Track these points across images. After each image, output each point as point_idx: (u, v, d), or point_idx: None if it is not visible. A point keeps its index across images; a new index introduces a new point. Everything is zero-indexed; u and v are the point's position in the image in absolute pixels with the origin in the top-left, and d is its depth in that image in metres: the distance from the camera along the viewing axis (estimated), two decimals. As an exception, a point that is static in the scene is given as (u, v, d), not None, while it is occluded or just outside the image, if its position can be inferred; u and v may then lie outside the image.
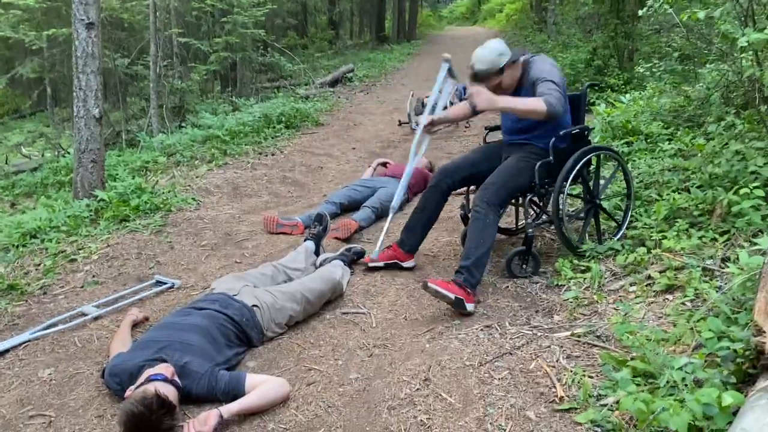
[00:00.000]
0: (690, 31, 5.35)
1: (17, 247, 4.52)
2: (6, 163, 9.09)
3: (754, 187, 3.18)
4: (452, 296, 3.07)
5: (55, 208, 5.22)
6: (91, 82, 5.20)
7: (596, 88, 7.93)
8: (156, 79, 8.09)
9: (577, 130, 3.59)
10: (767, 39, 3.06)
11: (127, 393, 2.37)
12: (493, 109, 3.31)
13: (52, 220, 4.86)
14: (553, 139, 3.44)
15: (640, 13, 5.39)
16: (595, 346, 2.75)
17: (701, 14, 3.78)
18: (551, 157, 3.44)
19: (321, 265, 3.73)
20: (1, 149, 11.54)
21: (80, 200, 5.17)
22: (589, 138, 3.77)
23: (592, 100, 7.72)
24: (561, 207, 3.48)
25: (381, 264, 3.71)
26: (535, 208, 3.85)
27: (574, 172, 3.47)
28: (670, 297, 3.00)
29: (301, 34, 20.60)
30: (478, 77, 3.37)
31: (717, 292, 2.76)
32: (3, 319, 3.35)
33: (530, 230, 3.52)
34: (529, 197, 3.60)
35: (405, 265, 3.77)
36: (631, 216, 3.92)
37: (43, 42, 8.18)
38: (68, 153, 8.63)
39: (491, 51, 3.35)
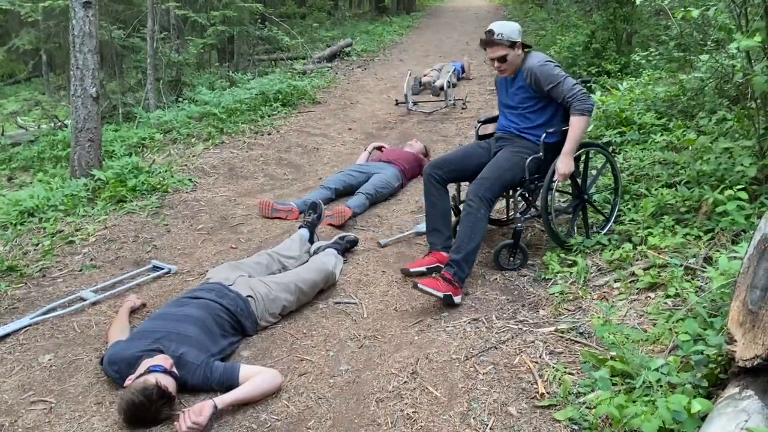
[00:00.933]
0: (686, 23, 5.35)
1: (15, 225, 4.58)
2: (2, 134, 9.06)
3: (738, 189, 3.25)
4: (441, 294, 3.18)
5: (53, 186, 5.26)
6: (88, 61, 5.21)
7: (588, 83, 7.93)
8: (152, 53, 8.05)
9: (567, 127, 3.63)
10: (758, 44, 3.11)
11: (127, 382, 2.47)
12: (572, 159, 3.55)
13: (49, 199, 4.91)
14: (544, 134, 3.57)
15: (637, 0, 5.40)
16: (578, 342, 2.85)
17: (695, 13, 3.81)
18: (541, 153, 3.57)
19: (315, 252, 3.81)
20: (-3, 118, 11.51)
21: (77, 179, 5.21)
22: None
23: (588, 84, 7.74)
24: (549, 203, 3.57)
25: (424, 269, 3.56)
26: (524, 201, 3.90)
27: None
28: (652, 295, 3.09)
29: (299, 4, 20.36)
30: (492, 41, 3.50)
31: (697, 293, 2.86)
32: (3, 303, 3.43)
33: (519, 224, 3.62)
34: (519, 191, 3.68)
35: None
36: (619, 211, 4.00)
37: (39, 14, 8.12)
38: (65, 126, 8.62)
39: (511, 24, 3.57)
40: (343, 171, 5.21)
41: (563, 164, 3.48)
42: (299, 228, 4.05)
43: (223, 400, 2.45)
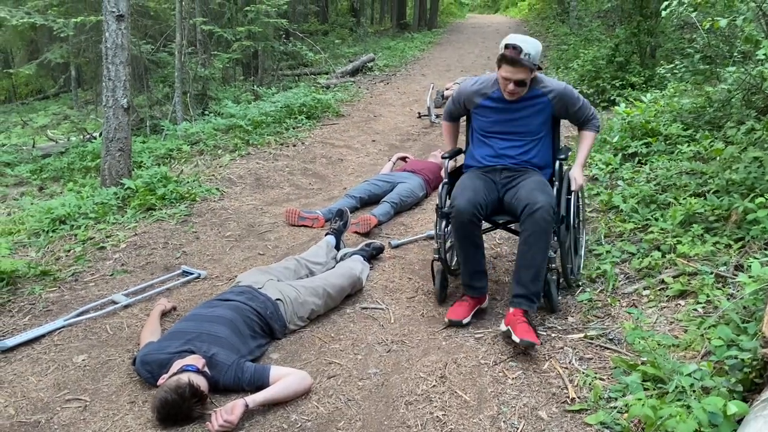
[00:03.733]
0: (712, 34, 5.34)
1: (47, 232, 4.68)
2: (33, 146, 9.27)
3: (770, 197, 3.23)
4: (539, 344, 2.86)
5: (84, 195, 5.37)
6: (120, 72, 5.33)
7: (616, 86, 7.93)
8: (180, 67, 8.21)
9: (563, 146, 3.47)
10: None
11: (160, 381, 2.51)
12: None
13: (80, 207, 5.01)
14: (558, 162, 3.31)
15: (663, 13, 5.40)
16: (607, 348, 2.84)
17: (723, 22, 3.82)
18: (557, 182, 3.26)
19: (341, 259, 3.84)
20: (28, 131, 11.77)
21: (108, 188, 5.32)
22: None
23: (612, 98, 7.74)
24: (573, 218, 3.35)
25: (466, 321, 3.15)
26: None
27: (574, 200, 3.35)
28: (682, 302, 3.07)
29: (322, 20, 20.63)
30: (517, 61, 2.99)
31: (728, 300, 2.83)
32: (38, 305, 3.50)
33: (552, 265, 3.13)
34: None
35: (484, 306, 3.31)
36: (646, 220, 3.98)
37: (71, 30, 8.33)
38: (94, 138, 8.80)
39: (536, 43, 3.09)
40: (368, 180, 5.25)
41: (578, 174, 3.33)
42: (325, 235, 4.09)
43: (255, 399, 2.48)
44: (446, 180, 3.45)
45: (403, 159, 5.82)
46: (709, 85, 6.07)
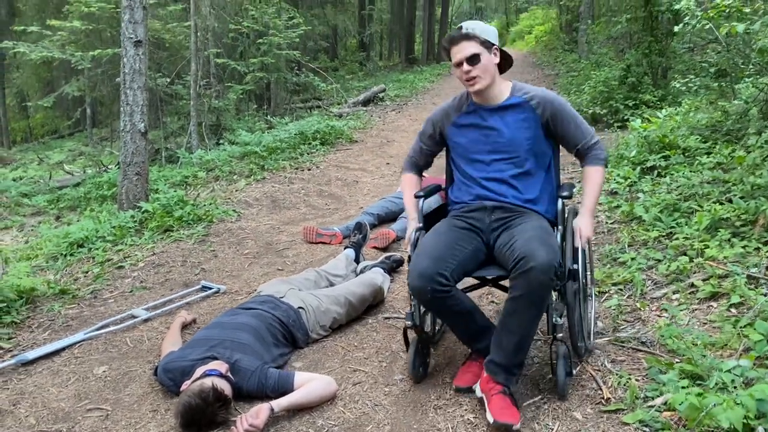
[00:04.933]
0: (728, 46, 5.34)
1: (65, 255, 4.68)
2: (50, 178, 9.37)
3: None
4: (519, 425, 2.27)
5: (101, 219, 5.39)
6: (138, 97, 5.40)
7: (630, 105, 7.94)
8: (196, 97, 8.32)
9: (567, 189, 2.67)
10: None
11: (183, 387, 2.45)
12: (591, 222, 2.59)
13: (98, 231, 5.02)
14: (560, 202, 2.61)
15: (675, 29, 5.42)
16: (639, 351, 2.76)
17: (740, 27, 3.82)
18: (560, 226, 2.59)
19: (362, 272, 3.80)
20: (44, 167, 11.93)
21: (125, 211, 5.33)
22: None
23: (626, 117, 7.73)
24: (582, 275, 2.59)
25: (476, 389, 2.48)
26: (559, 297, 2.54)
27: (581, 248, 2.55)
28: (714, 304, 2.99)
29: (331, 57, 20.95)
30: (459, 36, 2.52)
31: (764, 297, 2.76)
32: (57, 321, 3.47)
33: (560, 334, 2.45)
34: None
35: None
36: (671, 228, 3.92)
37: (88, 63, 8.49)
38: (109, 169, 8.88)
39: (486, 25, 2.63)
40: (385, 198, 5.24)
41: (586, 224, 2.55)
42: (345, 248, 4.05)
43: (280, 404, 2.42)
44: (420, 225, 2.73)
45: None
46: (724, 100, 6.05)
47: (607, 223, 4.47)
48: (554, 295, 2.49)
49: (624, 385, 2.49)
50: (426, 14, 25.37)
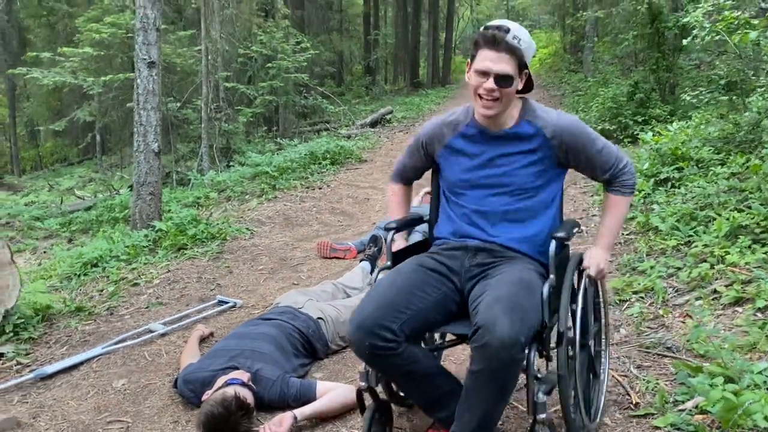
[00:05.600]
0: (740, 54, 5.35)
1: (79, 275, 4.68)
2: (61, 203, 9.42)
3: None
4: None
5: (114, 239, 5.40)
6: (151, 117, 5.44)
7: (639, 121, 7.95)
8: (207, 120, 8.39)
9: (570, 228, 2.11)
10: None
11: (205, 396, 2.42)
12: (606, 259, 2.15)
13: (111, 250, 5.03)
14: (553, 245, 1.98)
15: (684, 42, 5.45)
16: (665, 356, 2.72)
17: (753, 34, 3.83)
18: (552, 275, 1.97)
19: (378, 285, 3.77)
20: (54, 193, 12.03)
21: (138, 231, 5.34)
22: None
23: (636, 133, 7.74)
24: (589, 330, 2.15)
25: None
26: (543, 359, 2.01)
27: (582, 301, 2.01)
28: (739, 309, 2.95)
29: (338, 83, 21.16)
30: (502, 40, 1.98)
31: (791, 300, 2.72)
32: (74, 336, 3.46)
33: (542, 414, 1.85)
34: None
35: None
36: (689, 236, 3.89)
37: (100, 87, 8.59)
38: (120, 193, 8.93)
39: (530, 37, 2.09)
40: (398, 213, 5.23)
41: (599, 256, 2.11)
42: (360, 261, 4.04)
43: (303, 412, 2.38)
44: (389, 263, 2.24)
45: (430, 193, 5.79)
46: (735, 113, 6.05)
47: (623, 234, 4.44)
48: (540, 364, 1.91)
49: (652, 389, 2.45)
50: (430, 39, 25.66)
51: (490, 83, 1.97)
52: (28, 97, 21.25)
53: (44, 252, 6.81)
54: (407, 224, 2.45)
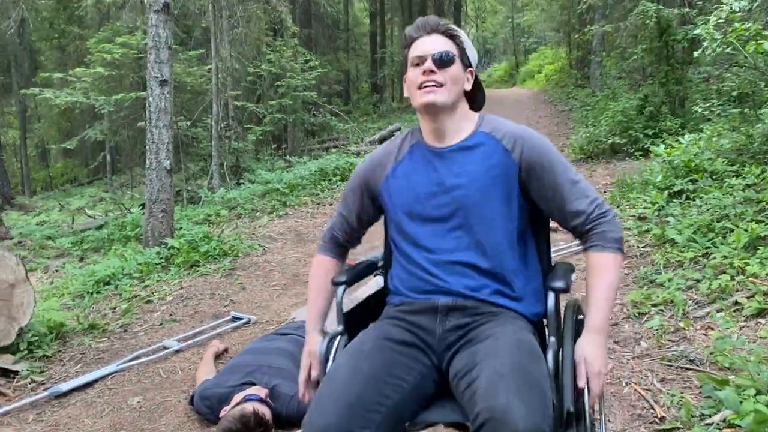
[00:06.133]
0: (754, 68, 5.33)
1: (92, 293, 4.67)
2: (72, 222, 9.46)
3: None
4: None
5: (127, 257, 5.40)
6: (163, 135, 5.47)
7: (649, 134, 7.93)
8: (217, 138, 8.43)
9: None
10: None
11: (223, 413, 2.39)
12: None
13: (124, 268, 5.02)
14: (551, 297, 1.58)
15: (695, 54, 5.44)
16: (689, 369, 2.67)
17: (767, 45, 3.81)
18: (553, 337, 1.59)
19: (393, 300, 3.74)
20: (65, 213, 12.09)
21: (150, 248, 5.34)
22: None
23: (646, 145, 7.71)
24: None
25: None
26: None
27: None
28: (762, 321, 2.90)
29: (345, 101, 21.28)
30: (435, 24, 1.71)
31: (816, 310, 2.67)
32: (89, 354, 3.44)
33: None
34: None
35: None
36: (706, 248, 3.84)
37: (111, 106, 8.67)
38: (131, 212, 8.95)
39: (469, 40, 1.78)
40: (411, 228, 5.21)
41: (595, 354, 1.51)
42: (374, 276, 4.00)
43: (322, 428, 2.34)
44: (341, 329, 1.79)
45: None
46: (747, 125, 6.02)
47: (638, 247, 4.40)
48: None
49: (677, 403, 2.40)
50: (437, 56, 25.75)
51: (428, 63, 1.63)
52: (38, 118, 21.47)
53: (56, 270, 6.81)
54: (359, 275, 1.95)
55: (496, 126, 1.71)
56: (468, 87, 1.73)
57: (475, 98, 1.79)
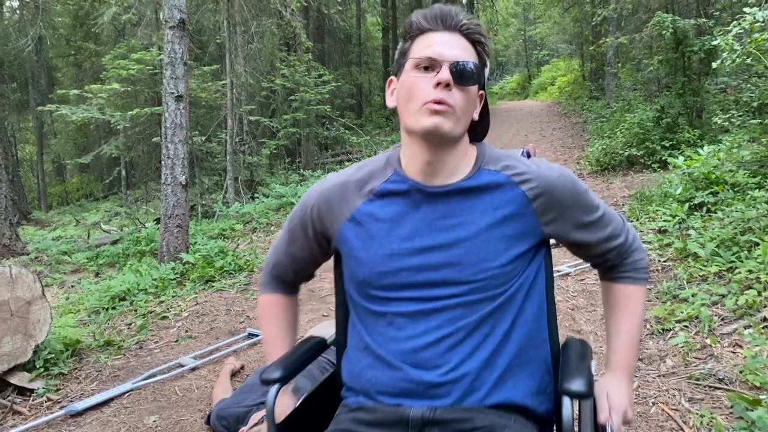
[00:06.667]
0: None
1: (107, 309, 4.66)
2: (88, 237, 9.50)
3: None
4: None
5: (142, 272, 5.39)
6: (179, 150, 5.47)
7: (667, 146, 7.84)
8: (232, 153, 8.45)
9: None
10: None
11: (240, 433, 2.35)
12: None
13: (139, 283, 5.01)
14: (567, 404, 1.12)
15: (713, 65, 5.38)
16: (718, 388, 2.59)
17: (790, 54, 3.74)
18: None
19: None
20: (81, 228, 12.16)
21: (166, 263, 5.33)
22: None
23: (663, 157, 7.62)
24: None
25: None
26: None
27: None
28: (793, 337, 2.82)
29: (358, 114, 21.33)
30: (455, 16, 1.22)
31: None
32: (104, 371, 3.41)
33: None
34: None
35: None
36: (730, 263, 3.76)
37: (126, 122, 8.73)
38: (146, 227, 8.98)
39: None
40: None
41: (624, 398, 1.28)
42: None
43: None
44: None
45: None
46: (767, 136, 5.93)
47: (659, 261, 4.32)
48: None
49: (707, 424, 2.33)
50: (449, 69, 25.77)
51: (445, 74, 1.16)
52: (55, 134, 21.74)
53: (72, 286, 6.82)
54: (300, 364, 1.39)
55: (508, 163, 1.26)
56: (476, 116, 1.28)
57: (477, 127, 1.31)
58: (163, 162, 5.50)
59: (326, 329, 3.13)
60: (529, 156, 10.24)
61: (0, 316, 3.10)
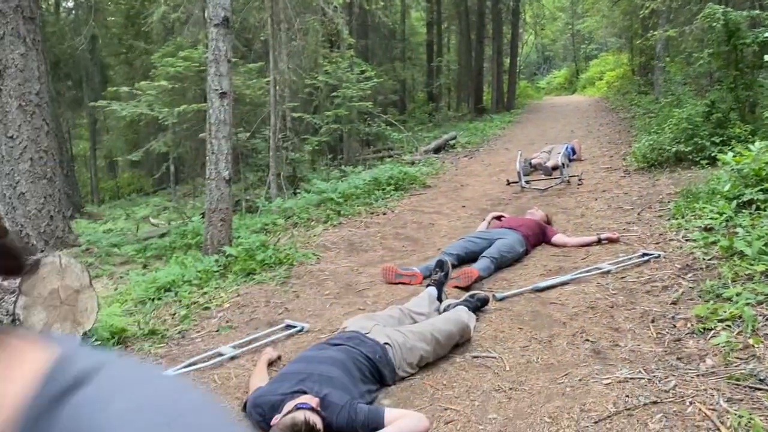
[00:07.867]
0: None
1: (153, 300, 4.81)
2: (137, 230, 9.80)
3: None
4: None
5: (187, 265, 5.54)
6: (223, 146, 5.60)
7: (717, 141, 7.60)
8: (275, 149, 8.59)
9: None
10: None
11: (274, 420, 2.41)
12: None
13: (184, 275, 5.15)
14: None
15: (766, 57, 5.20)
16: (759, 389, 2.52)
17: None
18: None
19: (444, 310, 3.70)
20: (130, 221, 12.54)
21: (210, 256, 5.46)
22: None
23: (713, 153, 7.39)
24: None
25: None
26: None
27: None
28: (841, 339, 2.72)
29: (400, 110, 21.33)
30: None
31: None
32: (148, 359, 3.53)
33: None
34: None
35: None
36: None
37: (174, 118, 8.95)
38: (192, 221, 9.20)
39: None
40: (464, 237, 5.15)
41: None
42: (426, 287, 3.98)
43: (371, 440, 2.33)
44: None
45: (498, 218, 5.69)
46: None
47: (704, 259, 4.21)
48: None
49: (745, 425, 2.27)
50: (494, 65, 25.52)
51: None
52: (107, 131, 22.43)
53: (120, 277, 7.05)
54: None
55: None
56: None
57: None
58: (207, 158, 5.63)
59: (361, 322, 3.19)
60: (574, 152, 10.07)
61: (50, 303, 3.25)
